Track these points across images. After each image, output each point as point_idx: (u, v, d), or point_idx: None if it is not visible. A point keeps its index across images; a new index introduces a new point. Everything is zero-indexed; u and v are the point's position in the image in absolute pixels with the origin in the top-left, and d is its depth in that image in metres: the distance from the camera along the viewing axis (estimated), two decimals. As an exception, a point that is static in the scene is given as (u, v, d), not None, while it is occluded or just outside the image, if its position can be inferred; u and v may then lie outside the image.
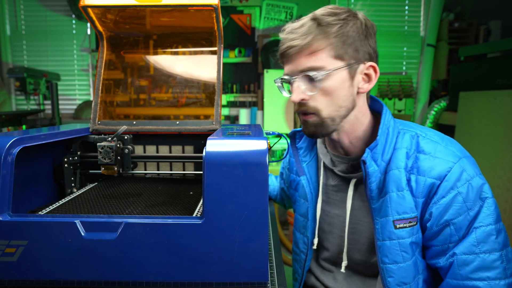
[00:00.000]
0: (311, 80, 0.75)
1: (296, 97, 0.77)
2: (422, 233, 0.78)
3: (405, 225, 0.75)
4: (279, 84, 0.84)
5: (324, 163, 0.92)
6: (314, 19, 0.74)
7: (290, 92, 0.82)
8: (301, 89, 0.76)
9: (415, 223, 0.76)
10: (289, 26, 0.78)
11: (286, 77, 0.79)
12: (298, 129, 0.93)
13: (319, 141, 0.94)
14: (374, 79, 0.79)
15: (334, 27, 0.73)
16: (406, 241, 0.76)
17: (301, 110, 0.79)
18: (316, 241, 0.93)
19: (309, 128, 0.80)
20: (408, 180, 0.75)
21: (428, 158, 0.75)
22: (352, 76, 0.76)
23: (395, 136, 0.79)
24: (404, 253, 0.76)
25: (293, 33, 0.75)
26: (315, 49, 0.73)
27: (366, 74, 0.78)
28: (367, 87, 0.79)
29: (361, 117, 0.82)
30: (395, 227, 0.75)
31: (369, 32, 0.77)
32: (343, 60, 0.74)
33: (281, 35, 0.79)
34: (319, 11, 0.76)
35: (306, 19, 0.76)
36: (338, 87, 0.75)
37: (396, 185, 0.75)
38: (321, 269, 0.97)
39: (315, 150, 0.95)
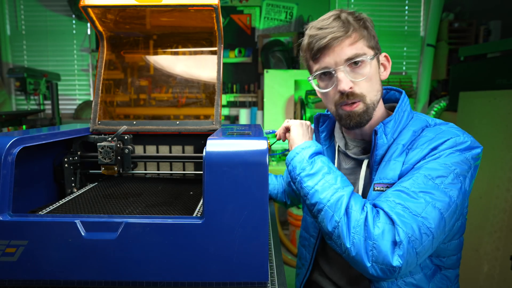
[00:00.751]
0: (355, 68, 0.81)
1: (347, 85, 0.80)
2: None
3: (382, 188, 0.78)
4: (311, 80, 0.88)
5: (339, 147, 0.97)
6: (343, 15, 0.82)
7: (320, 87, 0.87)
8: (348, 78, 0.80)
9: None
10: (316, 23, 0.83)
11: (328, 69, 0.82)
12: (323, 113, 1.00)
13: (337, 126, 1.00)
14: (389, 67, 0.89)
15: (359, 22, 0.82)
16: None
17: (349, 100, 0.82)
18: None
19: (355, 118, 0.83)
20: (407, 155, 0.79)
21: (429, 137, 0.78)
22: (378, 64, 0.86)
23: (408, 120, 0.86)
24: None
25: (328, 27, 0.80)
26: (355, 39, 0.80)
27: (382, 64, 0.88)
28: (386, 74, 0.88)
29: (380, 103, 0.89)
30: (374, 189, 0.79)
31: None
32: (373, 50, 0.83)
33: (311, 32, 0.83)
34: (340, 11, 0.83)
35: (332, 17, 0.82)
36: (375, 73, 0.84)
37: (389, 156, 0.80)
38: (327, 261, 0.98)
39: (334, 137, 1.01)
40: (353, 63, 0.80)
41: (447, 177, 0.71)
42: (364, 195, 0.88)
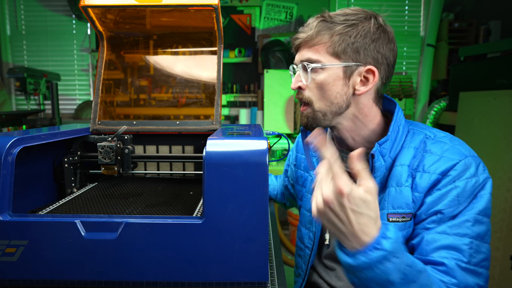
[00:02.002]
0: (307, 70, 0.80)
1: (293, 84, 0.84)
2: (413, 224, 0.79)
3: (397, 219, 0.77)
4: (291, 73, 0.90)
5: None
6: (324, 16, 0.80)
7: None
8: (299, 78, 0.82)
9: (409, 218, 0.77)
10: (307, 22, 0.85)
11: (292, 65, 0.86)
12: None
13: (328, 136, 0.97)
14: (371, 83, 0.79)
15: (338, 26, 0.77)
16: None
17: (298, 97, 0.85)
18: (327, 236, 0.94)
19: (303, 119, 0.85)
20: (414, 178, 0.77)
21: (434, 156, 0.76)
22: (348, 76, 0.78)
23: (404, 135, 0.82)
24: None
25: (305, 27, 0.82)
26: (315, 43, 0.79)
27: (364, 77, 0.79)
28: (363, 90, 0.79)
29: (363, 118, 0.83)
30: (388, 220, 0.77)
31: (382, 37, 0.78)
32: (340, 59, 0.77)
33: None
34: (336, 11, 0.80)
35: (318, 15, 0.81)
36: (330, 83, 0.79)
37: (397, 180, 0.78)
38: (324, 267, 0.97)
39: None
40: (307, 65, 0.80)
41: (482, 216, 0.72)
42: None
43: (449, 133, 0.83)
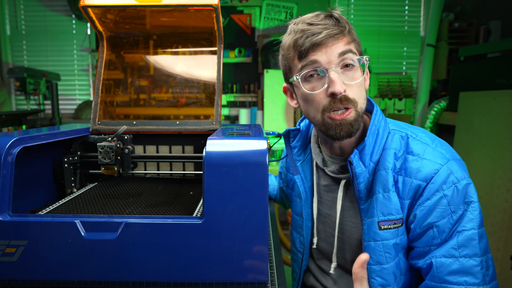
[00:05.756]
0: (346, 70, 0.74)
1: (342, 87, 0.71)
2: (407, 235, 0.78)
3: (389, 226, 0.75)
4: (298, 80, 0.76)
5: (316, 162, 0.92)
6: (335, 14, 0.75)
7: (307, 89, 0.76)
8: (340, 79, 0.72)
9: (400, 224, 0.75)
10: (305, 19, 0.75)
11: (319, 67, 0.73)
12: (292, 128, 0.93)
13: (313, 140, 0.94)
14: (368, 78, 0.83)
15: (348, 25, 0.76)
16: (390, 242, 0.75)
17: (342, 105, 0.73)
18: (315, 240, 0.94)
19: (346, 126, 0.74)
20: (396, 181, 0.75)
21: (416, 159, 0.74)
22: (364, 72, 0.79)
23: (385, 137, 0.78)
24: (387, 254, 0.76)
25: (320, 23, 0.73)
26: (349, 40, 0.74)
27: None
28: (367, 84, 0.82)
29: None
30: (380, 228, 0.75)
31: None
32: (362, 56, 0.77)
33: (301, 27, 0.74)
34: (329, 11, 0.77)
35: (322, 15, 0.75)
36: (363, 80, 0.78)
37: (383, 186, 0.75)
38: (319, 268, 0.98)
39: (309, 150, 0.94)
40: (345, 65, 0.73)
41: (473, 227, 0.70)
42: (343, 216, 0.85)
43: (431, 133, 0.81)
